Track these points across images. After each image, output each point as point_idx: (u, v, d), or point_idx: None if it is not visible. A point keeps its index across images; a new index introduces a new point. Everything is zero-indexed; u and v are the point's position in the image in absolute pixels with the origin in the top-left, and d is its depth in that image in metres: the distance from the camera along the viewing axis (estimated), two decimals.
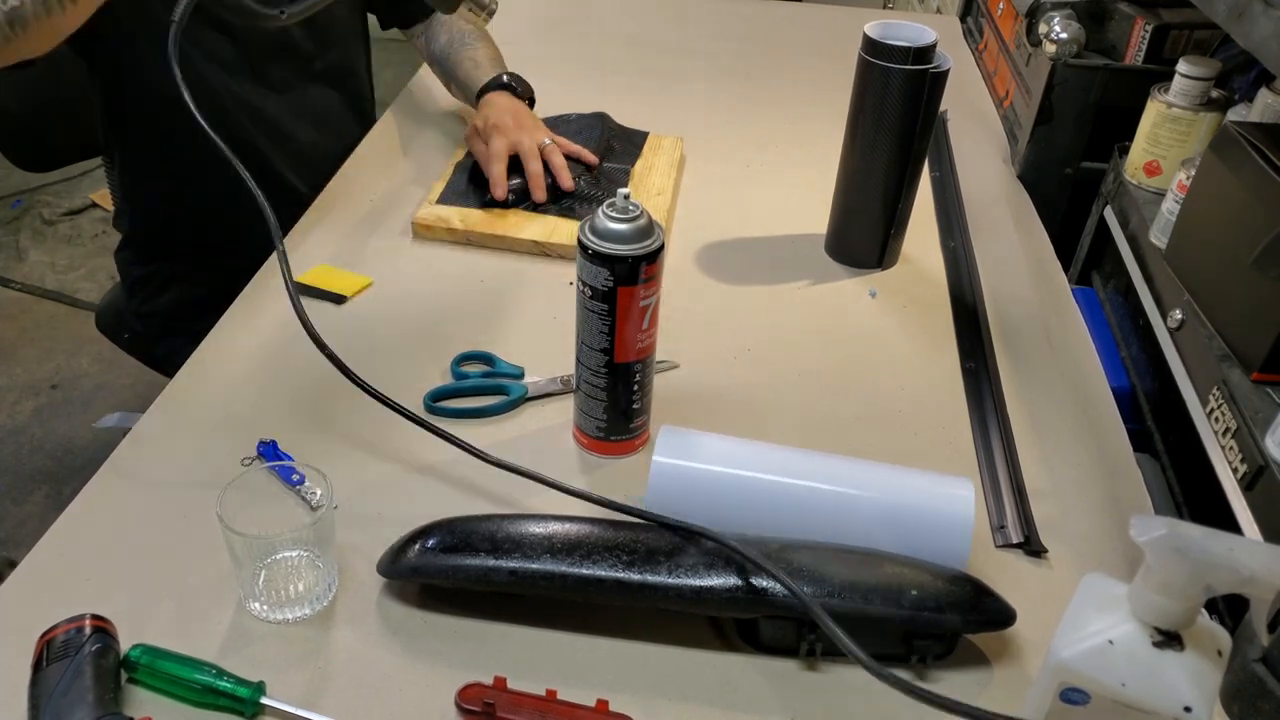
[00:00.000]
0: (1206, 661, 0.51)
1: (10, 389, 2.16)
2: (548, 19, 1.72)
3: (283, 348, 0.94)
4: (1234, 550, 0.48)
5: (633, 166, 1.23)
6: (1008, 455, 0.85)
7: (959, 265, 1.11)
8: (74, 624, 0.63)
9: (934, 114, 1.00)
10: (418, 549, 0.69)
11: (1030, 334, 1.02)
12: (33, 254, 2.59)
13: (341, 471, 0.80)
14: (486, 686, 0.64)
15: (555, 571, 0.67)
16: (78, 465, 1.98)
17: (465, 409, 0.87)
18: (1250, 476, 0.77)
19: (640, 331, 0.77)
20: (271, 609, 0.69)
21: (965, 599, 0.66)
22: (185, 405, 0.88)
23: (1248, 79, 1.11)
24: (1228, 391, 0.83)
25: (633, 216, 0.73)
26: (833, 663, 0.68)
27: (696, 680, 0.67)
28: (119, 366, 2.19)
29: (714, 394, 0.92)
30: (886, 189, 1.04)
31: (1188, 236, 0.97)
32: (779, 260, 1.11)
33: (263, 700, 0.63)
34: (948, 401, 0.92)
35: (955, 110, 1.43)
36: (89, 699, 0.59)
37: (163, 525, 0.76)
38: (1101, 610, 0.54)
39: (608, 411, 0.81)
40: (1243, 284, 0.85)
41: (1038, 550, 0.77)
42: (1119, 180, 1.17)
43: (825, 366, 0.96)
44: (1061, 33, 1.19)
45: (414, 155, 1.27)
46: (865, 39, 0.97)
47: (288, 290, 0.78)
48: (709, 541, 0.68)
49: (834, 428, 0.88)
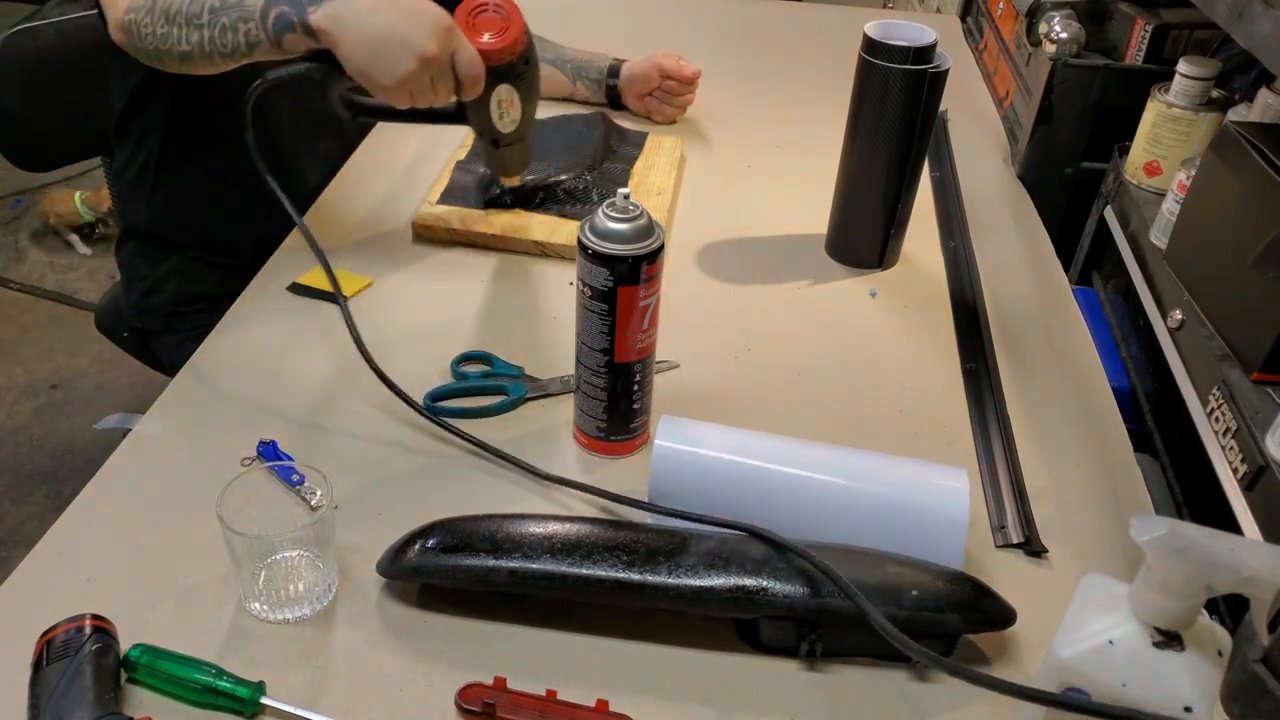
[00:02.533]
0: (1207, 661, 0.51)
1: (10, 389, 2.16)
2: (548, 18, 1.72)
3: (283, 348, 0.94)
4: (1234, 550, 0.48)
5: (633, 167, 1.23)
6: (1008, 455, 0.85)
7: (959, 265, 1.11)
8: (74, 624, 0.63)
9: (934, 114, 1.00)
10: (418, 549, 0.69)
11: (1030, 334, 1.02)
12: (32, 254, 2.59)
13: (341, 471, 0.80)
14: (486, 686, 0.64)
15: (555, 571, 0.67)
16: (78, 465, 1.98)
17: (465, 409, 0.87)
18: (1250, 476, 0.77)
19: (640, 331, 0.77)
20: (271, 609, 0.69)
21: (965, 599, 0.66)
22: (185, 405, 0.88)
23: (1248, 79, 1.11)
24: (1228, 391, 0.83)
25: (633, 216, 0.73)
26: (833, 663, 0.68)
27: (696, 680, 0.67)
28: (119, 366, 2.19)
29: (714, 394, 0.92)
30: (886, 189, 1.04)
31: (1188, 236, 0.97)
32: (779, 260, 1.11)
33: (262, 700, 0.63)
34: (948, 401, 0.92)
35: (955, 110, 1.43)
36: (89, 699, 0.59)
37: (163, 525, 0.76)
38: (1102, 610, 0.54)
39: (608, 411, 0.81)
40: (1243, 284, 0.85)
41: (1038, 550, 0.77)
42: (1119, 180, 1.17)
43: (825, 366, 0.96)
44: (1061, 33, 1.19)
45: (414, 155, 1.27)
46: (865, 39, 0.97)
47: (324, 267, 0.87)
48: (710, 541, 0.68)
49: (834, 427, 0.88)
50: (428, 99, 0.88)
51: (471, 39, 0.90)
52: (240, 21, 0.89)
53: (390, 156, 1.28)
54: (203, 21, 0.90)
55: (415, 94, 0.87)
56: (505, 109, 0.95)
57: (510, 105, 0.95)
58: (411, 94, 0.87)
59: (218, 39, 0.90)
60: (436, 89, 0.88)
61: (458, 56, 0.88)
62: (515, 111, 0.96)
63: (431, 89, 0.87)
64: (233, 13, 0.89)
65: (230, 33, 0.90)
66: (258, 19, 0.88)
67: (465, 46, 0.88)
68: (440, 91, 0.89)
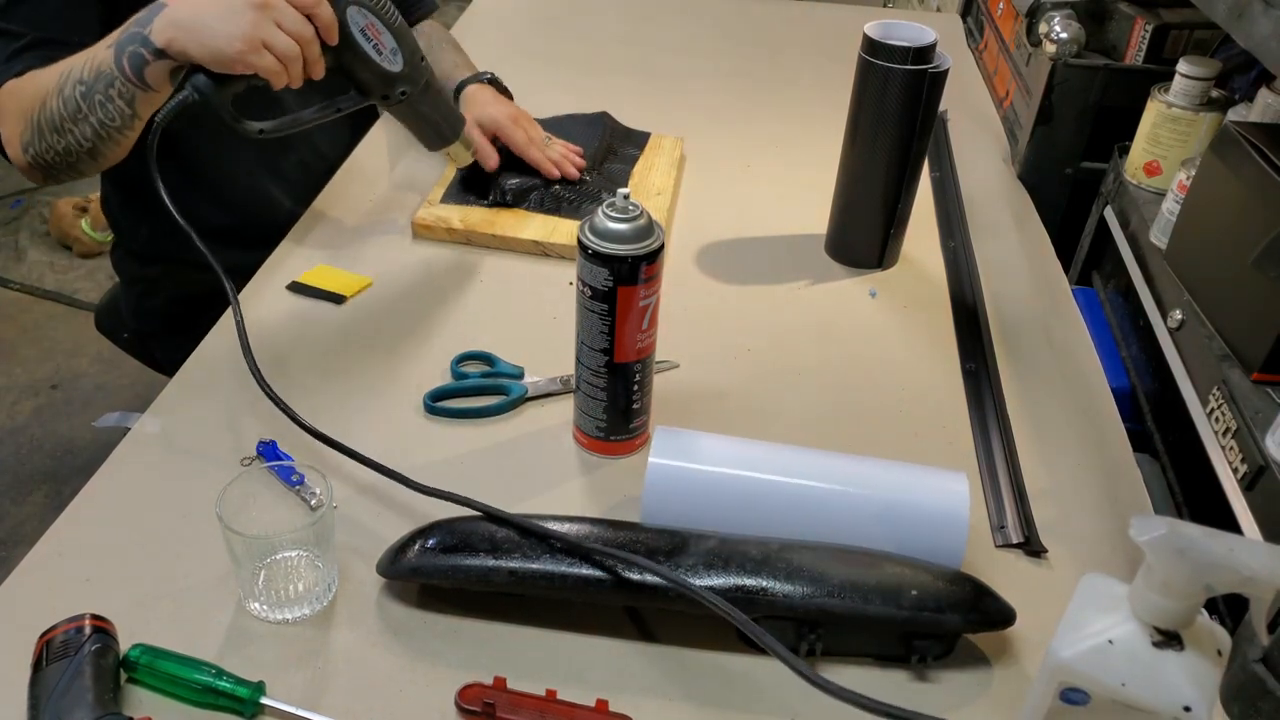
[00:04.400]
0: (1206, 661, 0.51)
1: (10, 389, 2.16)
2: (548, 18, 1.72)
3: (283, 347, 0.94)
4: (1234, 550, 0.48)
5: (633, 167, 1.23)
6: (1008, 455, 0.85)
7: (959, 265, 1.11)
8: (74, 624, 0.63)
9: (934, 114, 1.00)
10: (418, 549, 0.69)
11: (1030, 334, 1.02)
12: (32, 254, 2.59)
13: (341, 471, 0.80)
14: (486, 686, 0.64)
15: (555, 571, 0.67)
16: (78, 465, 1.98)
17: (465, 409, 0.87)
18: (1250, 476, 0.77)
19: (640, 331, 0.77)
20: (271, 609, 0.69)
21: (965, 599, 0.66)
22: (185, 405, 0.88)
23: (1248, 79, 1.11)
24: (1228, 391, 0.83)
25: (633, 216, 0.73)
26: (833, 663, 0.68)
27: (696, 680, 0.67)
28: (119, 366, 2.19)
29: (714, 394, 0.92)
30: (886, 189, 1.04)
31: (1188, 236, 0.97)
32: (779, 260, 1.11)
33: (262, 700, 0.63)
34: (948, 401, 0.92)
35: (955, 110, 1.43)
36: (89, 699, 0.59)
37: (163, 525, 0.76)
38: (1101, 610, 0.54)
39: (607, 411, 0.81)
40: (1243, 284, 0.85)
41: (1038, 550, 0.77)
42: (1119, 180, 1.17)
43: (825, 366, 0.96)
44: (1061, 33, 1.19)
45: (414, 155, 1.27)
46: (865, 39, 0.97)
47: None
48: (710, 541, 0.68)
49: (834, 428, 0.88)
50: (290, 52, 0.84)
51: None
52: (108, 86, 0.87)
53: (390, 156, 1.28)
54: (83, 110, 0.88)
55: (274, 47, 0.83)
56: (373, 35, 0.89)
57: (374, 30, 0.90)
58: (271, 50, 0.83)
59: (103, 117, 0.88)
60: (292, 35, 0.84)
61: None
62: (388, 39, 0.90)
63: (286, 38, 0.83)
64: (100, 83, 0.87)
65: (108, 104, 0.88)
66: (117, 73, 0.86)
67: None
68: (297, 36, 0.84)
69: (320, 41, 0.86)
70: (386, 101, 0.95)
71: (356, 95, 0.94)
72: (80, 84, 0.88)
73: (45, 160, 0.93)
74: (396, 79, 0.93)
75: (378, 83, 0.93)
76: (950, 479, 0.73)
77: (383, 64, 0.91)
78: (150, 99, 0.88)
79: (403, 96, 0.94)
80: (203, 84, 0.85)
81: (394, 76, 0.93)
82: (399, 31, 0.91)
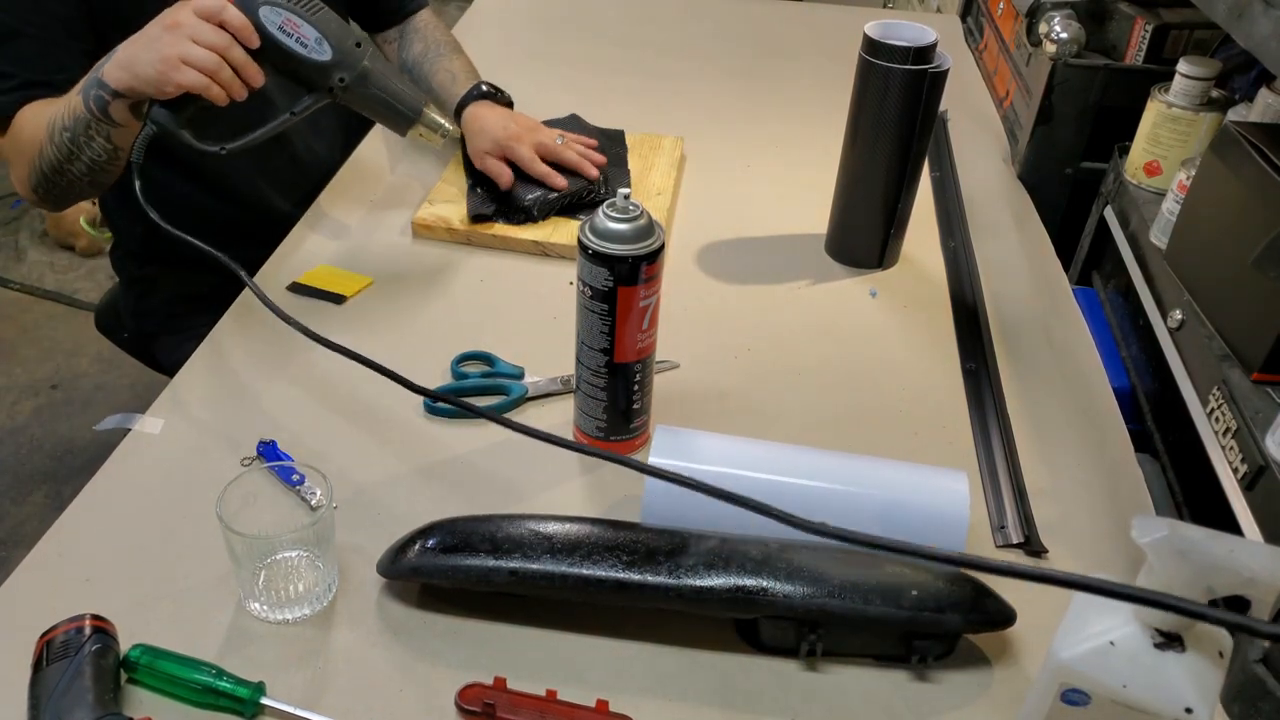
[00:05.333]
0: (1207, 662, 0.51)
1: (10, 389, 2.16)
2: (548, 19, 1.72)
3: (283, 347, 0.94)
4: (1235, 552, 0.48)
5: (625, 166, 1.23)
6: (1008, 455, 0.85)
7: (959, 265, 1.11)
8: (74, 624, 0.63)
9: (934, 114, 1.00)
10: (418, 549, 0.69)
11: (1030, 334, 1.02)
12: (32, 254, 2.59)
13: (341, 471, 0.80)
14: (486, 686, 0.64)
15: (555, 571, 0.67)
16: (78, 465, 1.98)
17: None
18: (1250, 476, 0.77)
19: (640, 331, 0.77)
20: (271, 609, 0.69)
21: (965, 599, 0.67)
22: (185, 405, 0.88)
23: (1248, 79, 1.11)
24: (1228, 391, 0.83)
25: (633, 216, 0.73)
26: (833, 663, 0.68)
27: (696, 680, 0.67)
28: (119, 366, 2.18)
29: (714, 394, 0.92)
30: (886, 189, 1.04)
31: (1188, 236, 0.97)
32: (779, 260, 1.11)
33: (262, 700, 0.63)
34: (948, 401, 0.92)
35: (955, 110, 1.43)
36: (89, 699, 0.59)
37: (163, 525, 0.76)
38: (1102, 611, 0.54)
39: (608, 411, 0.81)
40: (1243, 284, 0.85)
41: (1038, 550, 0.77)
42: (1119, 180, 1.17)
43: (825, 366, 0.96)
44: (1061, 33, 1.19)
45: (414, 155, 1.27)
46: (865, 39, 0.97)
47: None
48: (710, 541, 0.68)
49: (834, 428, 0.88)
50: (208, 62, 0.85)
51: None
52: (87, 128, 0.93)
53: (390, 156, 1.28)
54: (73, 152, 0.95)
55: (193, 61, 0.85)
56: (292, 30, 0.89)
57: (292, 24, 0.89)
58: (191, 64, 0.85)
59: (92, 155, 0.95)
60: (208, 46, 0.85)
61: (195, 5, 0.86)
62: (309, 30, 0.90)
63: (203, 51, 0.85)
64: (79, 126, 0.93)
65: (91, 143, 0.94)
66: (89, 115, 0.92)
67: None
68: (212, 46, 0.85)
69: (245, 47, 0.88)
70: (333, 94, 0.94)
71: (306, 95, 0.94)
72: (65, 130, 0.94)
73: (54, 195, 1.03)
74: (330, 68, 0.92)
75: (316, 75, 0.92)
76: (950, 478, 0.73)
77: (310, 55, 0.91)
78: (124, 133, 0.94)
79: (343, 83, 0.93)
80: (159, 115, 0.90)
81: (326, 66, 0.92)
82: (320, 21, 0.91)
